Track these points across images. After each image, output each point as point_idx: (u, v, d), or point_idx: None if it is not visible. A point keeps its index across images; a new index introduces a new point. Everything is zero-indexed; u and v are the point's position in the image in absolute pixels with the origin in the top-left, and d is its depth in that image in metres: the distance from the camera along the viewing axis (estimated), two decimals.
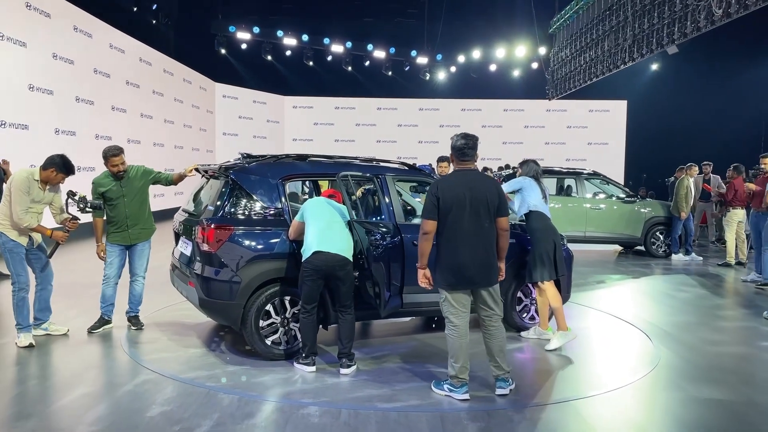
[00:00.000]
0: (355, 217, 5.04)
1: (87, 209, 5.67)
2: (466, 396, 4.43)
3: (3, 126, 10.60)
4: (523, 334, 6.08)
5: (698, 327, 6.73)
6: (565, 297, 6.30)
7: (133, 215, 5.94)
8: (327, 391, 4.59)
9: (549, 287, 5.78)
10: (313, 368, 4.99)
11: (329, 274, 4.91)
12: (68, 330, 5.86)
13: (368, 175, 5.65)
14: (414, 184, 6.86)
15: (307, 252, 4.93)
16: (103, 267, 6.01)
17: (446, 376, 4.67)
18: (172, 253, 6.15)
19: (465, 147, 4.48)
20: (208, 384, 4.66)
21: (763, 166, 9.23)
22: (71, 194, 5.56)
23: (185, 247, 5.63)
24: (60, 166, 5.43)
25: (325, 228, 4.99)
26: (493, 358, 4.52)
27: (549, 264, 5.75)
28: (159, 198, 17.02)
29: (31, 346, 5.42)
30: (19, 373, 4.93)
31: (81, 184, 6.39)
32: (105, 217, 5.92)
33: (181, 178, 6.16)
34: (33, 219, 5.39)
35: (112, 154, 5.85)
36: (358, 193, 5.57)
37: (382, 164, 6.04)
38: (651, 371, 5.15)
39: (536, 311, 6.28)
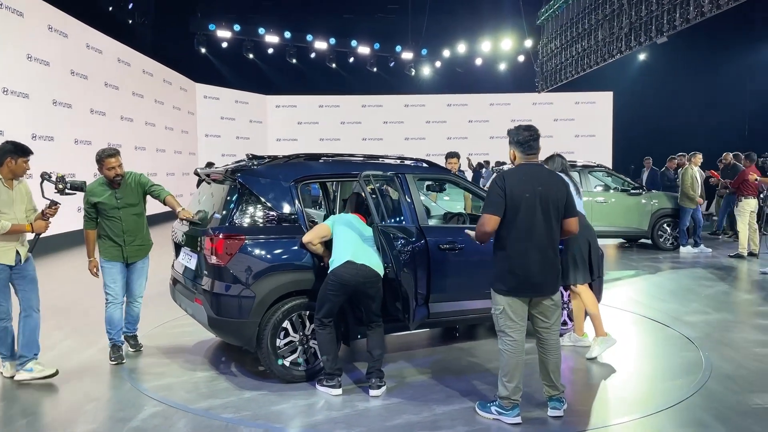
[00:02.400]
0: (379, 222, 4.53)
1: (67, 190, 4.84)
2: (518, 419, 3.96)
3: None
4: None
5: (738, 326, 6.34)
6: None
7: (130, 230, 5.27)
8: (360, 419, 4.08)
9: (584, 291, 5.34)
10: (339, 391, 4.49)
11: (358, 290, 4.42)
12: (57, 371, 4.84)
13: (389, 174, 5.16)
14: (432, 182, 6.40)
15: (337, 261, 4.43)
16: (102, 286, 5.26)
17: (490, 395, 4.21)
18: (172, 266, 5.59)
19: (530, 139, 4.02)
20: (224, 415, 4.13)
21: None
22: (46, 176, 4.75)
23: (189, 260, 5.08)
24: (13, 151, 4.70)
25: (358, 239, 4.51)
26: (548, 377, 4.06)
27: (583, 266, 5.30)
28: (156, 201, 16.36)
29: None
30: (5, 410, 4.35)
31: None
32: (96, 228, 5.25)
33: (172, 204, 5.40)
34: (6, 223, 4.61)
35: (108, 154, 5.16)
36: (369, 190, 5.02)
37: (401, 162, 5.54)
38: (707, 381, 4.72)
39: (568, 316, 5.84)
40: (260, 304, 4.57)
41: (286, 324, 4.68)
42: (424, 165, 5.66)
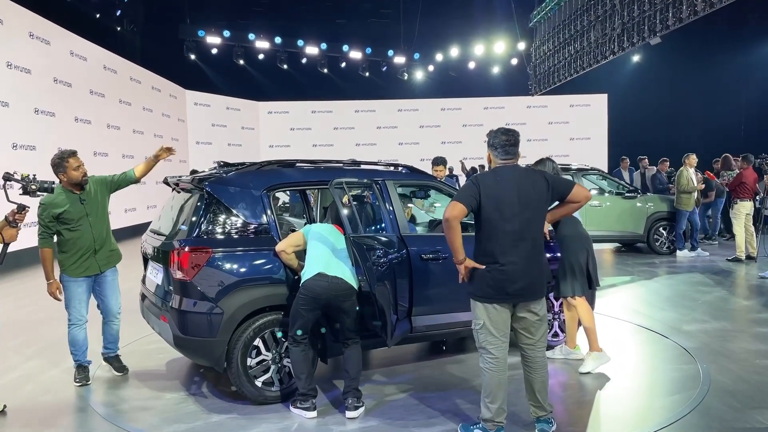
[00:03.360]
0: (351, 232, 4.26)
1: (34, 190, 4.14)
2: None
3: None
4: (548, 353, 5.35)
5: (737, 336, 6.06)
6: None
7: (99, 237, 4.89)
8: None
9: (581, 303, 5.05)
10: (314, 413, 4.20)
11: (330, 305, 4.15)
12: (5, 406, 4.41)
13: (366, 180, 4.89)
14: (414, 189, 6.13)
15: (309, 272, 4.17)
16: (65, 306, 4.85)
17: (474, 416, 3.93)
18: (142, 281, 5.31)
19: (507, 144, 3.76)
20: None
21: None
22: (7, 177, 4.10)
23: (155, 274, 4.80)
24: None
25: (330, 251, 4.25)
26: (534, 396, 3.78)
27: (581, 277, 5.01)
28: (131, 213, 16.08)
29: None
30: None
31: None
32: (56, 246, 4.79)
33: (148, 167, 5.06)
34: None
35: (69, 154, 4.76)
36: (345, 199, 4.73)
37: (380, 168, 5.27)
38: (705, 397, 4.44)
39: (560, 328, 5.58)
40: (229, 321, 4.29)
41: (258, 342, 4.40)
42: (405, 171, 5.39)
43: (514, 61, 22.86)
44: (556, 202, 3.91)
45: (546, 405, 3.79)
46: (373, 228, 4.87)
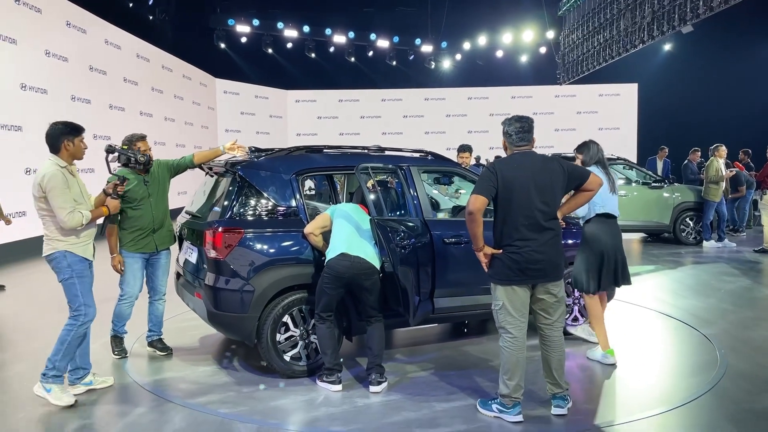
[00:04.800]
0: (375, 215, 4.44)
1: (132, 164, 4.69)
2: (520, 417, 3.84)
3: None
4: (570, 329, 5.45)
5: (758, 324, 6.10)
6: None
7: (158, 217, 5.08)
8: (358, 416, 4.00)
9: (591, 302, 5.02)
10: (339, 387, 4.41)
11: (353, 283, 4.34)
12: (114, 381, 4.62)
13: (390, 166, 5.05)
14: (437, 175, 6.27)
15: (332, 252, 4.37)
16: (119, 282, 5.04)
17: (493, 393, 4.09)
18: (176, 260, 5.56)
19: (521, 130, 3.89)
20: (221, 411, 4.07)
21: None
22: (110, 150, 4.47)
23: (190, 254, 5.04)
24: (66, 131, 4.20)
25: (354, 231, 4.43)
26: (551, 374, 3.93)
27: (594, 276, 4.90)
28: (182, 196, 16.47)
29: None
30: (4, 405, 4.34)
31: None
32: (118, 223, 4.97)
33: (209, 156, 5.21)
34: (82, 215, 4.18)
35: (138, 138, 4.94)
36: (370, 184, 4.90)
37: (405, 154, 5.43)
38: (719, 381, 4.53)
39: (579, 312, 5.69)
40: (260, 298, 4.50)
41: (287, 318, 4.61)
42: (429, 157, 5.54)
43: (543, 50, 22.72)
44: (571, 192, 4.03)
45: (562, 383, 3.93)
46: (398, 212, 5.04)
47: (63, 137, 4.20)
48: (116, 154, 4.69)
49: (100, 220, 4.51)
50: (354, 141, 23.09)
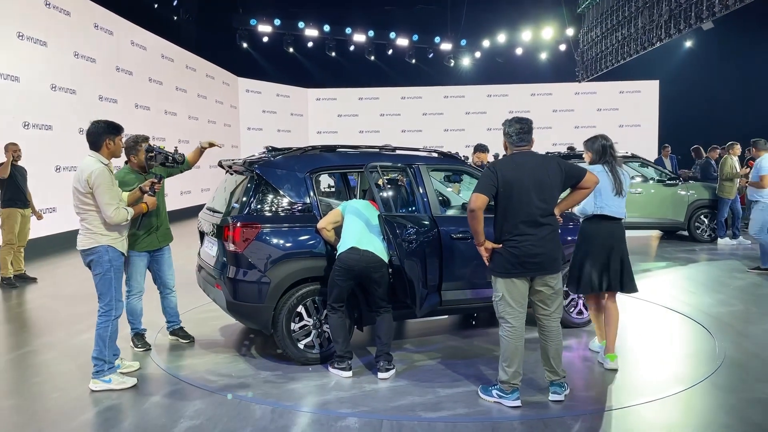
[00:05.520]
0: (383, 211, 4.69)
1: (168, 164, 5.03)
2: (518, 403, 4.07)
3: (26, 127, 10.45)
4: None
5: (761, 318, 6.24)
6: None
7: (161, 215, 5.38)
8: (366, 399, 4.26)
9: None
10: (350, 373, 4.67)
11: (362, 275, 4.60)
12: (139, 367, 4.91)
13: (400, 165, 5.30)
14: (449, 173, 6.50)
15: (343, 246, 4.65)
16: (125, 281, 5.16)
17: (494, 379, 4.32)
18: (198, 254, 5.87)
19: (521, 131, 4.12)
20: (239, 393, 4.36)
21: None
22: (149, 150, 4.83)
23: (211, 247, 5.34)
24: (109, 131, 4.43)
25: (364, 227, 4.70)
26: (548, 362, 4.15)
27: (575, 275, 4.91)
28: (186, 195, 16.91)
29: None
30: (40, 386, 4.69)
31: None
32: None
33: (197, 155, 5.55)
34: (127, 211, 4.49)
35: (143, 139, 5.24)
36: (380, 182, 5.17)
37: (415, 153, 5.67)
38: (716, 370, 4.71)
39: (584, 305, 5.88)
40: (275, 289, 4.78)
41: (301, 309, 4.89)
42: (438, 156, 5.77)
43: (563, 48, 22.74)
44: (568, 190, 4.23)
45: (559, 370, 4.14)
46: (407, 209, 5.28)
47: (105, 135, 4.42)
48: (153, 153, 4.98)
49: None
50: (374, 138, 23.36)
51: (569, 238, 5.55)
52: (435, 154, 5.76)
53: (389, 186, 5.23)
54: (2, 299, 7.58)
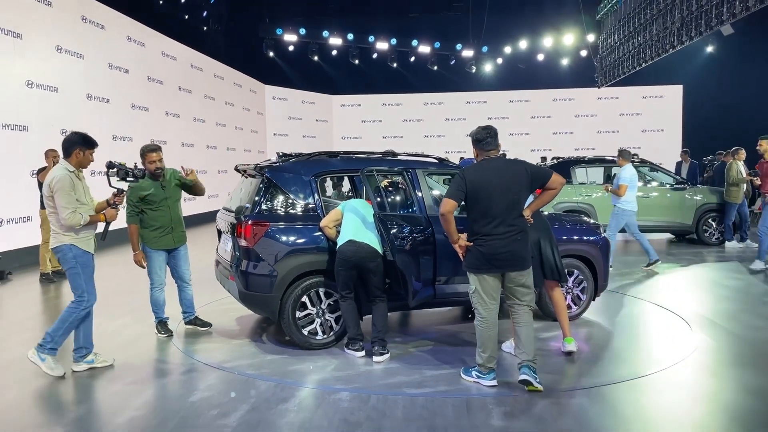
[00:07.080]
0: (378, 211, 5.20)
1: (129, 179, 5.14)
2: (494, 382, 4.53)
3: (64, 133, 11.19)
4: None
5: (743, 314, 6.57)
6: (602, 285, 6.31)
7: (175, 217, 5.95)
8: (359, 377, 4.77)
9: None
10: (362, 353, 5.24)
11: (360, 265, 5.11)
12: (114, 360, 5.19)
13: (396, 169, 5.80)
14: (447, 177, 6.97)
15: (342, 239, 5.20)
16: (148, 273, 5.87)
17: (475, 363, 4.78)
18: (216, 250, 6.45)
19: (487, 137, 4.57)
20: (248, 372, 4.91)
21: None
22: (110, 165, 4.97)
23: (226, 244, 5.91)
24: (81, 143, 4.83)
25: (360, 222, 5.24)
26: (520, 344, 4.59)
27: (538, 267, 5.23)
28: (190, 203, 17.62)
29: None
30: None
31: None
32: (140, 223, 5.78)
33: (198, 186, 6.06)
34: (81, 216, 4.75)
35: (150, 149, 5.81)
36: (383, 184, 5.69)
37: (411, 159, 6.16)
38: (686, 357, 5.10)
39: (573, 300, 6.29)
40: (282, 280, 5.33)
41: (305, 299, 5.43)
42: (435, 162, 6.25)
43: (584, 53, 22.98)
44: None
45: (530, 352, 4.57)
46: (404, 209, 5.78)
47: (77, 146, 4.83)
48: (115, 169, 5.14)
49: (100, 227, 5.03)
50: (397, 143, 23.85)
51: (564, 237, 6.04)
52: (433, 160, 6.26)
53: (389, 188, 5.73)
54: (41, 293, 8.28)
